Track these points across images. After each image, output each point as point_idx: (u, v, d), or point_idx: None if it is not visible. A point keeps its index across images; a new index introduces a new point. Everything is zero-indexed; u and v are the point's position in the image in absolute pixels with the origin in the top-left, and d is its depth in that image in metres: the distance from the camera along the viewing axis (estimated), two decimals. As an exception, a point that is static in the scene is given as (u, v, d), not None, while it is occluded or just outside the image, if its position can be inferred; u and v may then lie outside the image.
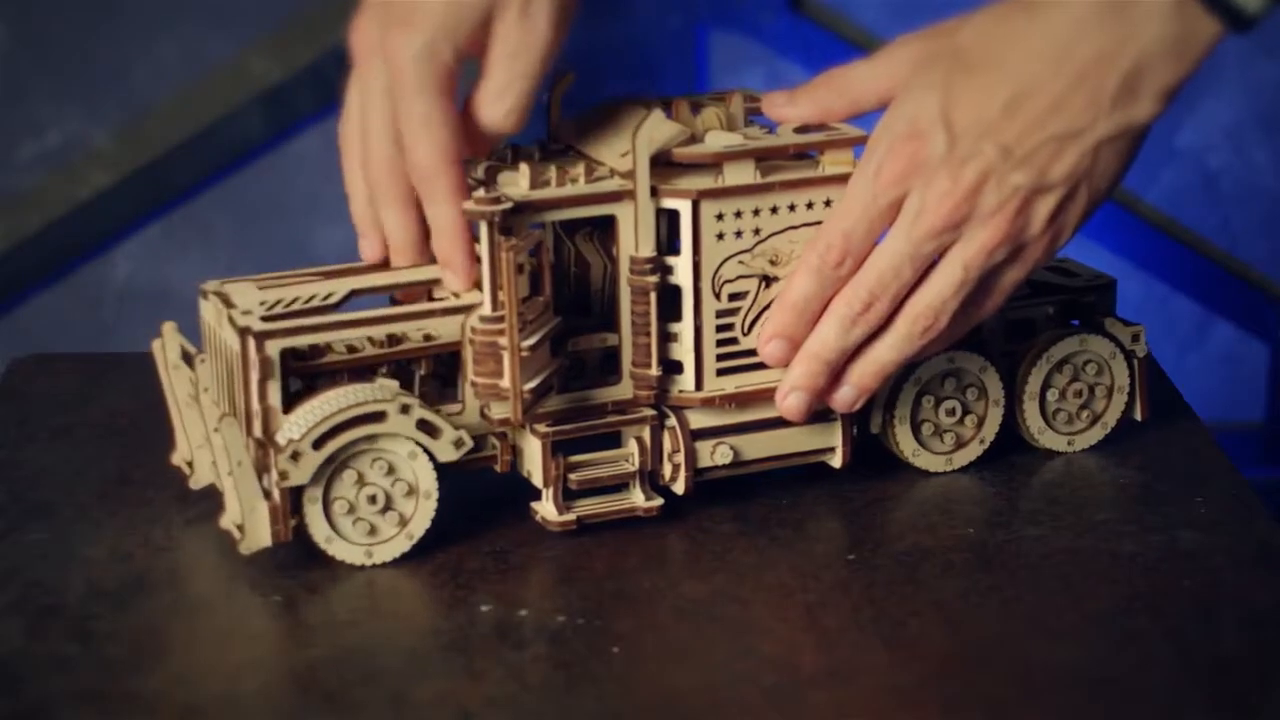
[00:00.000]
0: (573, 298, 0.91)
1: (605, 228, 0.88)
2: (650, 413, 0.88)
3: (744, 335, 0.88)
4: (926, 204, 0.83)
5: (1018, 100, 0.81)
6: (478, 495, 0.89)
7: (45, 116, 1.91)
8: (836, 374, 0.88)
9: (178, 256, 1.96)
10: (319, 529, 0.84)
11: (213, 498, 0.89)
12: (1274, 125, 2.04)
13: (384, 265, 0.89)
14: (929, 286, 0.85)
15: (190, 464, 0.90)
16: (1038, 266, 0.86)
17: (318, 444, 0.82)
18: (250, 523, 0.83)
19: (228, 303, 0.85)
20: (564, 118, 0.92)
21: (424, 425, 0.84)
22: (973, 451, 0.94)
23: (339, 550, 0.84)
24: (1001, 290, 0.86)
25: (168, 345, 0.89)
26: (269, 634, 0.81)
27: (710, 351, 0.88)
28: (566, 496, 0.87)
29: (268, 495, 0.83)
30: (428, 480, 0.85)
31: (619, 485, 0.88)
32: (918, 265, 0.84)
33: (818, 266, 0.86)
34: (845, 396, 0.88)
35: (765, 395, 0.89)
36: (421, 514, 0.85)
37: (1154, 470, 0.95)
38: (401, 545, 0.85)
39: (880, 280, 0.85)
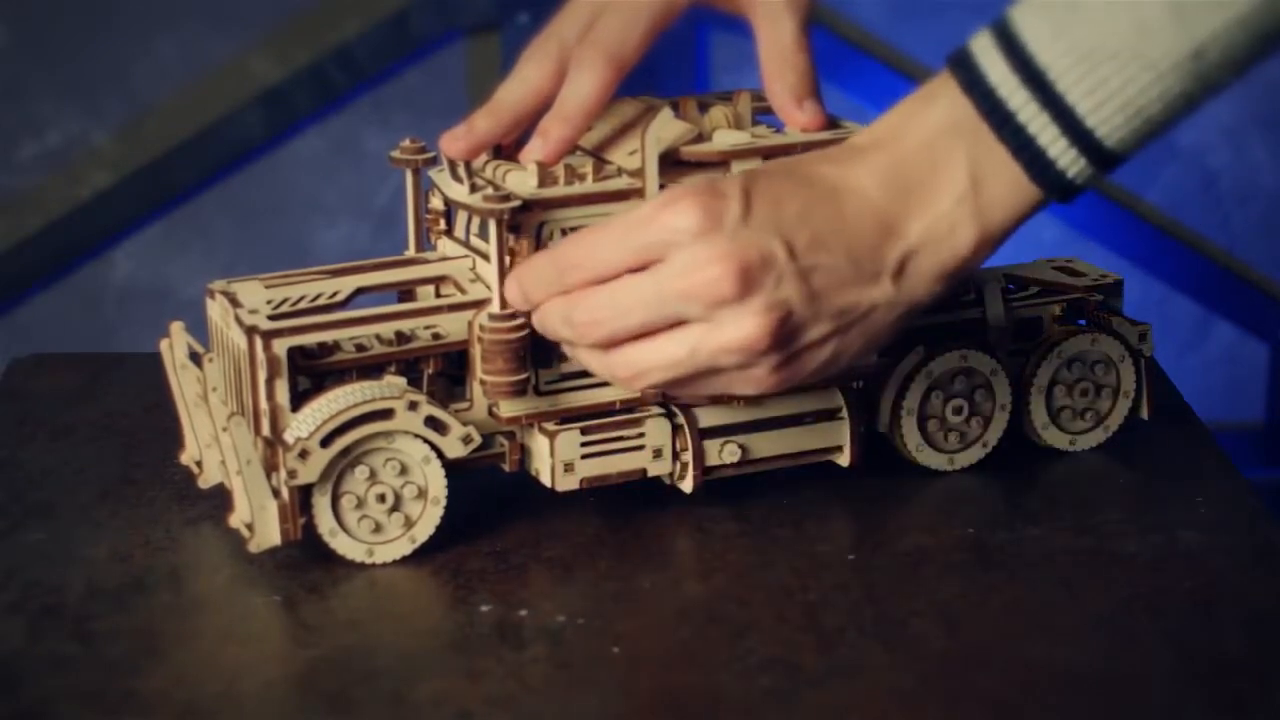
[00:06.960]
0: None
1: None
2: (658, 411, 0.88)
3: None
4: (695, 262, 0.77)
5: (810, 210, 0.78)
6: (478, 495, 0.89)
7: (45, 116, 1.91)
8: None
9: (178, 256, 1.96)
10: (324, 521, 0.84)
11: (212, 497, 0.89)
12: (1274, 125, 2.04)
13: (391, 263, 0.90)
14: (648, 347, 0.80)
15: (199, 463, 0.90)
16: (764, 391, 0.81)
17: (326, 442, 0.82)
18: (259, 521, 0.83)
19: (235, 302, 0.85)
20: None
21: (432, 422, 0.84)
22: (975, 454, 0.94)
23: (341, 545, 0.84)
24: (708, 391, 0.82)
25: (175, 345, 0.89)
26: (269, 634, 0.81)
27: None
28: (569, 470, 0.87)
29: (276, 494, 0.83)
30: (438, 486, 0.85)
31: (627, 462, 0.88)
32: (649, 318, 0.79)
33: (553, 259, 0.81)
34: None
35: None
36: (427, 519, 0.85)
37: (1154, 470, 0.95)
38: (404, 547, 0.85)
39: (609, 309, 0.79)
